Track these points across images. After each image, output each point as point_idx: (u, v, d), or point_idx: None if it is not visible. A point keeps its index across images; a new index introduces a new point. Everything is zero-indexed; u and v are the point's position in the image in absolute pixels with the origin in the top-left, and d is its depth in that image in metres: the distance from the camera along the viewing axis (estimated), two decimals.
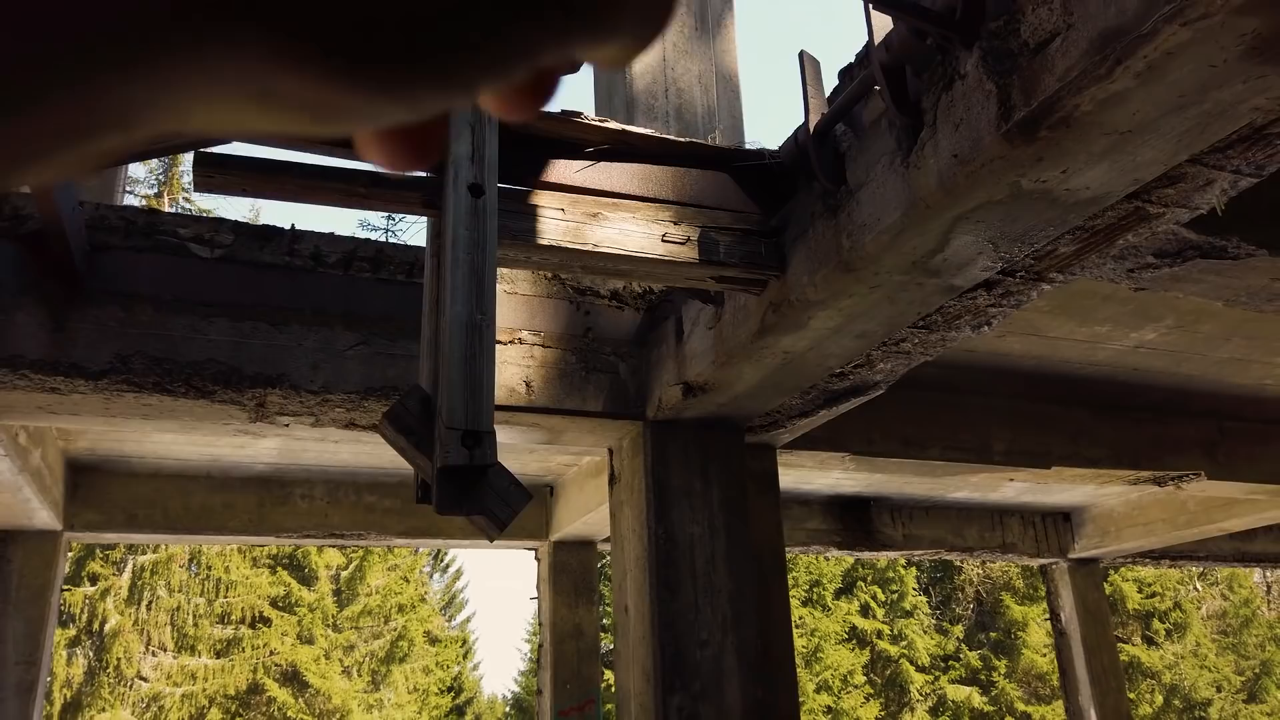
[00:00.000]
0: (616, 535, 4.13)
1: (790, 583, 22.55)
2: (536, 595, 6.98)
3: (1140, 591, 22.10)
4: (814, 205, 2.98)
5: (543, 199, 2.93)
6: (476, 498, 2.24)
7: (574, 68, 0.30)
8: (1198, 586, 23.63)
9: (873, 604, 22.99)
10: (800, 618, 21.80)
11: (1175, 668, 20.57)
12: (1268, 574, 24.38)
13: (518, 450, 5.63)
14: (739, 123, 6.00)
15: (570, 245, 2.87)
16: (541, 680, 6.56)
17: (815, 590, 22.57)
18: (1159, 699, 20.34)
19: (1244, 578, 23.52)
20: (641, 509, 3.88)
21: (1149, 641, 21.61)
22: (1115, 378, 5.11)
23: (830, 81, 3.09)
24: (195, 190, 2.58)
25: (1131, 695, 20.29)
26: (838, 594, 22.89)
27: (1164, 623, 21.60)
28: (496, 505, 2.31)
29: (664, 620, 3.60)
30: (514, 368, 3.96)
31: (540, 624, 6.77)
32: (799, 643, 21.01)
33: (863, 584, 23.33)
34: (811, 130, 2.90)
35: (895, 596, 23.01)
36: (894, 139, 2.60)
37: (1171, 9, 1.78)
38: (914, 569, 23.64)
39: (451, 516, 2.51)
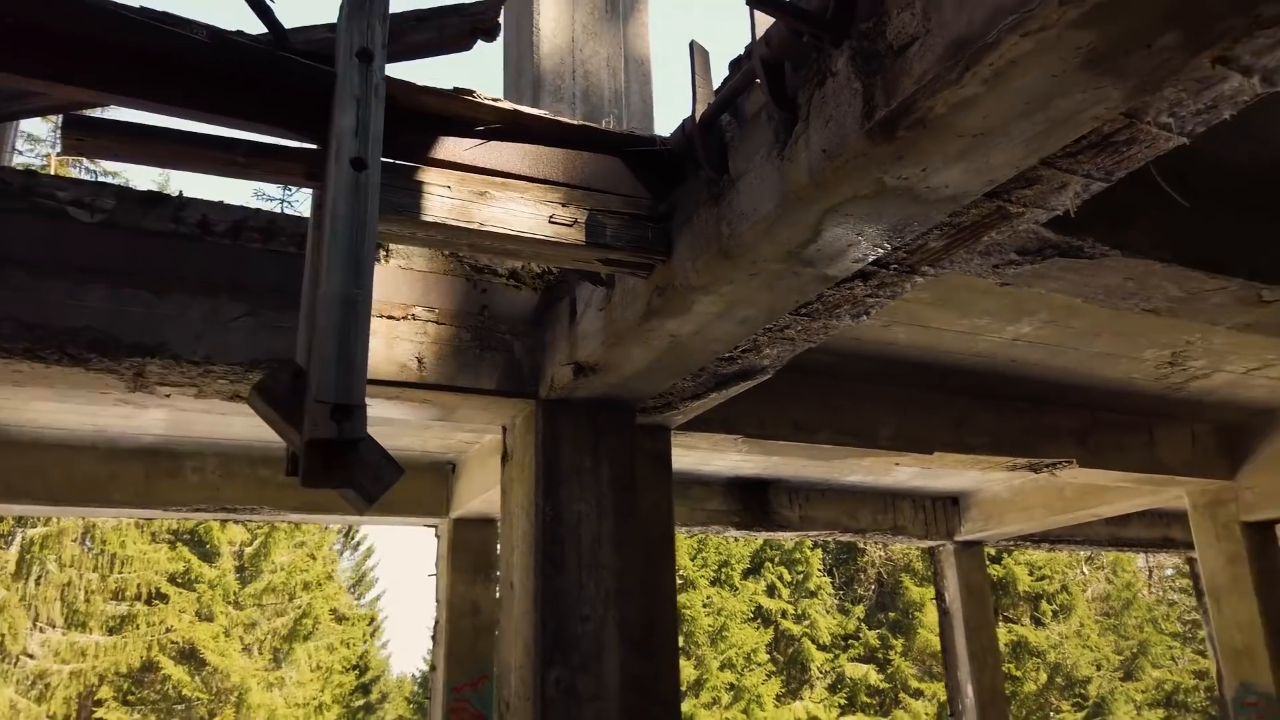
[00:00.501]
0: (506, 512, 4.17)
1: (700, 563, 22.90)
2: (435, 573, 6.97)
3: (1031, 574, 23.11)
4: (699, 193, 3.05)
5: (430, 176, 2.93)
6: (345, 471, 2.25)
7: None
8: (1084, 570, 24.83)
9: (779, 584, 23.52)
10: (709, 597, 22.18)
11: (1060, 647, 21.64)
12: (1149, 559, 25.76)
13: (413, 426, 5.61)
14: (649, 107, 6.04)
15: (456, 223, 2.88)
16: (436, 656, 6.57)
17: (724, 570, 22.97)
18: (1043, 676, 21.38)
19: (1128, 562, 24.80)
20: (530, 486, 3.92)
21: (1037, 622, 22.65)
22: (995, 368, 5.35)
23: (724, 72, 3.15)
24: (63, 153, 2.51)
25: (1018, 673, 21.27)
26: (745, 574, 23.34)
27: (1051, 604, 22.66)
28: (367, 479, 2.32)
29: (547, 595, 3.65)
30: (406, 344, 3.95)
31: (437, 601, 6.77)
32: (706, 621, 21.38)
33: (770, 565, 23.85)
34: (698, 120, 2.96)
35: (801, 577, 23.58)
36: (772, 132, 2.68)
37: (1014, 20, 1.88)
38: (819, 550, 24.26)
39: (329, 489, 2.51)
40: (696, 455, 6.79)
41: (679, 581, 22.58)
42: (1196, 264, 3.22)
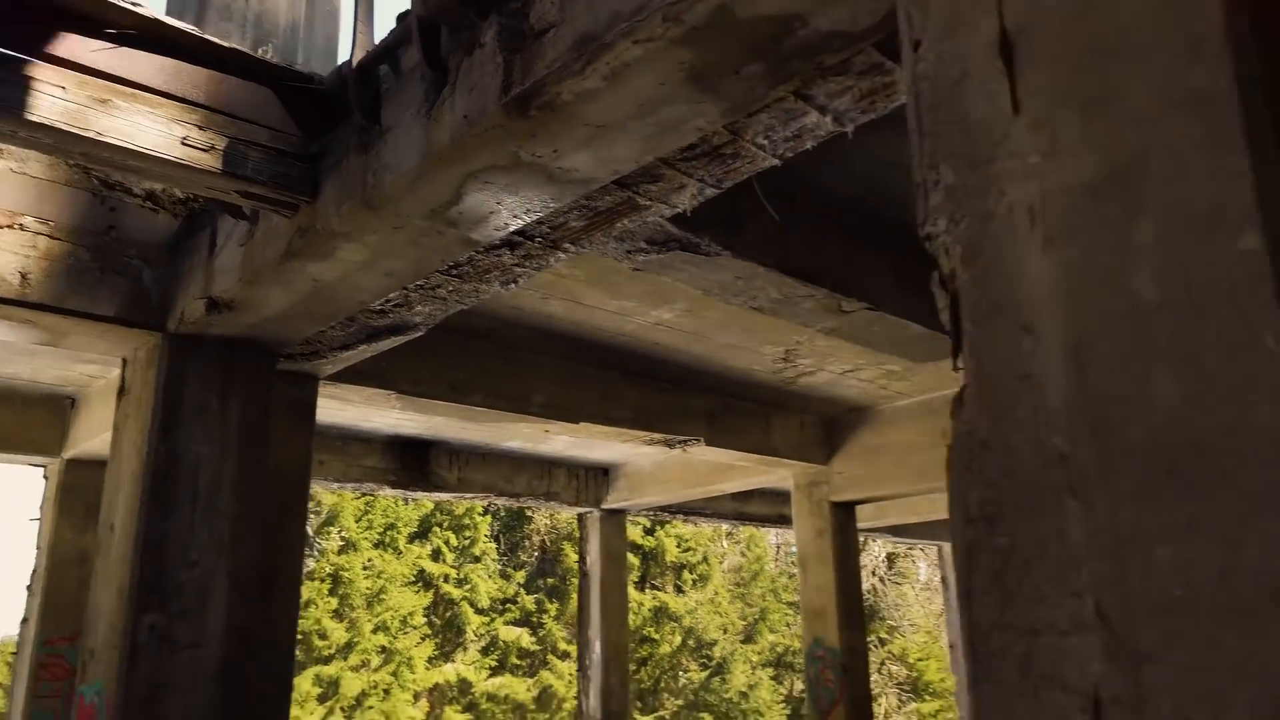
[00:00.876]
0: (117, 451, 3.87)
1: (365, 525, 22.34)
2: (39, 517, 6.26)
3: (679, 546, 25.07)
4: (351, 139, 3.04)
5: (42, 72, 2.66)
6: None
7: None
8: (724, 544, 27.38)
9: (445, 549, 23.54)
10: (370, 559, 21.71)
11: (695, 612, 23.72)
12: (779, 536, 28.95)
13: (20, 351, 5.02)
14: (334, 46, 5.83)
15: (67, 128, 2.65)
16: (29, 608, 5.91)
17: (389, 533, 22.58)
18: (678, 639, 23.34)
19: (761, 538, 27.69)
20: (146, 423, 3.68)
21: (679, 590, 24.64)
22: (641, 349, 5.79)
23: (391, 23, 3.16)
24: None
25: (656, 636, 23.06)
26: (412, 538, 23.12)
27: (693, 574, 24.75)
28: None
29: (151, 539, 3.46)
30: (9, 255, 3.53)
31: (38, 548, 6.08)
32: (365, 584, 20.94)
33: (438, 529, 23.79)
34: (354, 65, 2.95)
35: (467, 542, 23.78)
36: (423, 90, 2.74)
37: (627, 26, 2.10)
38: (489, 517, 24.61)
39: None
40: (356, 410, 6.68)
41: (340, 543, 21.92)
42: (792, 272, 3.73)
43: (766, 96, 2.37)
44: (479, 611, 22.53)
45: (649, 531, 24.51)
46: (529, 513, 25.01)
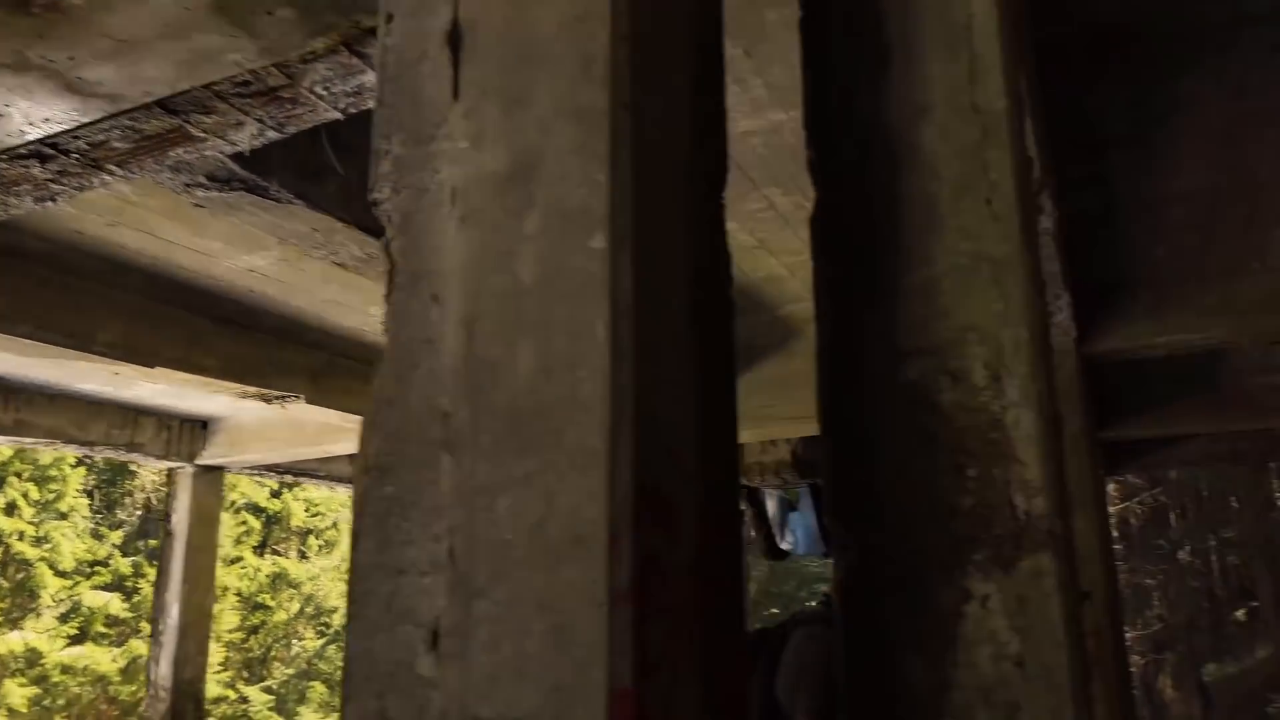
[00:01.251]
0: None
1: None
2: None
3: (307, 511, 24.02)
4: None
5: None
6: None
7: None
8: None
9: (23, 502, 20.59)
10: None
11: (317, 579, 22.87)
12: None
13: None
14: None
15: None
16: None
17: None
18: (296, 606, 22.38)
19: None
20: None
21: (303, 555, 23.61)
22: (233, 295, 5.45)
23: None
24: None
25: (272, 603, 21.97)
26: None
27: (319, 539, 23.83)
28: None
29: None
30: None
31: None
32: None
33: (16, 480, 20.76)
34: None
35: (52, 496, 20.99)
36: None
37: None
38: (84, 469, 21.90)
39: None
40: None
41: None
42: (371, 231, 3.72)
43: (307, 44, 2.34)
44: (60, 574, 19.94)
45: (275, 494, 23.20)
46: (133, 467, 22.52)
